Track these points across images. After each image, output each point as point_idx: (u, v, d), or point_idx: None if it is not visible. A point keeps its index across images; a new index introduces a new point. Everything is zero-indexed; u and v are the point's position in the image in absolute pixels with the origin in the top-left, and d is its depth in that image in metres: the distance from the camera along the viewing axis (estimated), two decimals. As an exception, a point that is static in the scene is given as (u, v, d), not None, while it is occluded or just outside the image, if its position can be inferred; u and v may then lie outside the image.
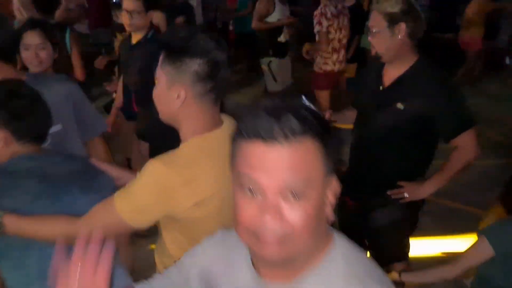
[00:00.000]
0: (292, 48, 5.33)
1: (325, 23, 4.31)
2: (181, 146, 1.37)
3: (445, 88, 1.99)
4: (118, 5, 3.75)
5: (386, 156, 2.15)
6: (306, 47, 4.65)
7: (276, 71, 4.92)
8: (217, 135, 1.37)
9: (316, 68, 4.63)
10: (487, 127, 5.52)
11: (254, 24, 4.86)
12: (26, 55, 2.39)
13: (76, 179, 1.47)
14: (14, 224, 1.34)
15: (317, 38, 4.49)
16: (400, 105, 2.02)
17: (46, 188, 1.39)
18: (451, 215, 3.84)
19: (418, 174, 2.15)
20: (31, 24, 2.43)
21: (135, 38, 3.09)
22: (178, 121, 1.38)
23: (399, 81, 2.07)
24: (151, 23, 3.16)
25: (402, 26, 1.98)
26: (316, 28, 4.39)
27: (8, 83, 1.59)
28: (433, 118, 1.97)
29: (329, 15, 4.31)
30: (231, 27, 6.87)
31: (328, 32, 4.36)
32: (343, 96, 4.91)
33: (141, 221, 1.34)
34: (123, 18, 3.05)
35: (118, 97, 3.43)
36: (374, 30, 2.05)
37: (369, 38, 2.10)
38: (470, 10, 6.63)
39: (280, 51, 4.91)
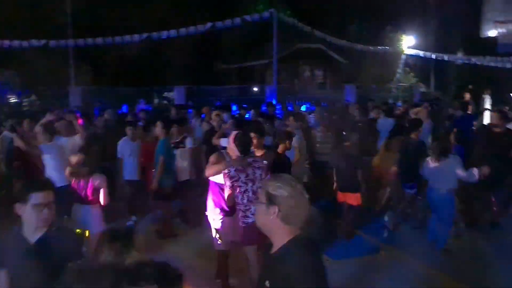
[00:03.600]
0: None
1: (228, 182, 4.47)
2: None
3: (297, 273, 1.99)
4: None
5: None
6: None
7: None
8: None
9: (240, 223, 4.51)
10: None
11: None
12: None
13: None
14: None
15: None
16: (267, 283, 2.08)
17: None
18: None
19: None
20: None
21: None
22: None
23: (266, 259, 2.20)
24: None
25: (275, 209, 2.10)
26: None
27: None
28: None
29: (232, 173, 4.45)
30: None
31: (234, 187, 4.44)
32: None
33: None
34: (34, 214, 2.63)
35: None
36: (257, 203, 2.20)
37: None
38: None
39: None
